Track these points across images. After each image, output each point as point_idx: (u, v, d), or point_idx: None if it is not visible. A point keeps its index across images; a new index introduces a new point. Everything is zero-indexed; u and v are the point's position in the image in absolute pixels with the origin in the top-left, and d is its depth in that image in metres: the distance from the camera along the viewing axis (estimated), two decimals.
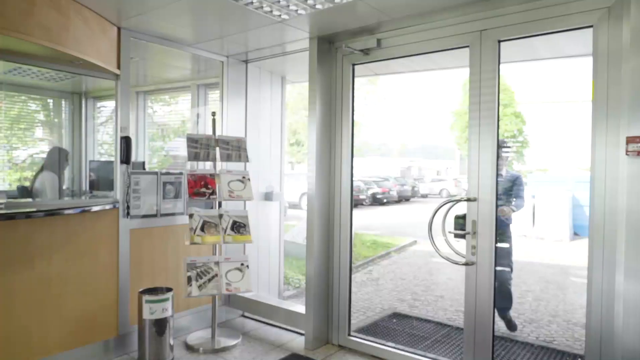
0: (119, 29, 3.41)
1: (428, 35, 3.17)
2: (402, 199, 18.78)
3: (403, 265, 7.57)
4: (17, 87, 5.06)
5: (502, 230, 3.53)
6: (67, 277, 3.12)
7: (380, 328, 4.41)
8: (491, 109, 2.87)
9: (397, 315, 4.74)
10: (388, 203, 17.16)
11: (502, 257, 3.66)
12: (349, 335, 3.61)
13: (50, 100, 5.66)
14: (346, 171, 3.57)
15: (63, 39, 2.87)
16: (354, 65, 3.58)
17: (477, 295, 2.91)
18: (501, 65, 2.88)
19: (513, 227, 3.99)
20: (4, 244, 2.80)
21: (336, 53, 3.66)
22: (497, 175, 2.86)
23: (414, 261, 7.88)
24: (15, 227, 2.85)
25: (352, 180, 3.54)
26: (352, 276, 3.67)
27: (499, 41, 2.86)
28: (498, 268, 3.02)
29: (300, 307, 3.91)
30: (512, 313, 4.07)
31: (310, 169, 3.58)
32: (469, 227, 2.90)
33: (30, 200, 4.21)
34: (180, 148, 6.06)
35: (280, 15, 3.18)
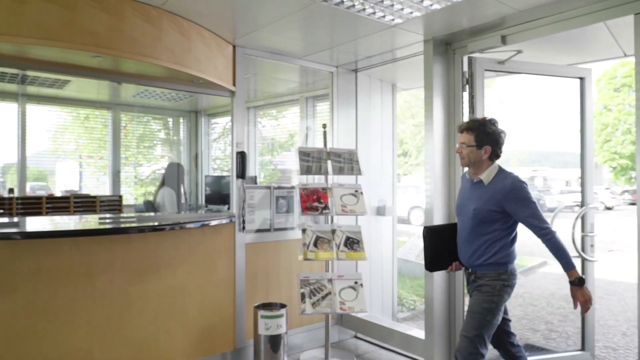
0: (233, 46, 3.68)
1: (562, 26, 2.93)
2: None
3: (532, 289, 6.99)
4: (143, 109, 5.72)
5: None
6: (190, 288, 3.39)
7: None
8: None
9: (530, 348, 4.36)
10: None
11: None
12: None
13: (169, 119, 6.31)
14: None
15: (185, 60, 3.17)
16: (483, 70, 3.43)
17: None
18: None
19: None
20: (137, 256, 3.14)
21: (454, 55, 3.55)
22: None
23: (545, 285, 7.24)
24: (145, 239, 3.19)
25: None
26: (465, 300, 3.47)
27: None
28: None
29: (417, 332, 3.79)
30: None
31: (429, 182, 3.48)
32: None
33: (154, 214, 4.67)
34: (286, 162, 6.34)
35: (393, 20, 3.18)
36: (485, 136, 2.62)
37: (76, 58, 3.05)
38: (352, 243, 3.58)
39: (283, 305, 3.49)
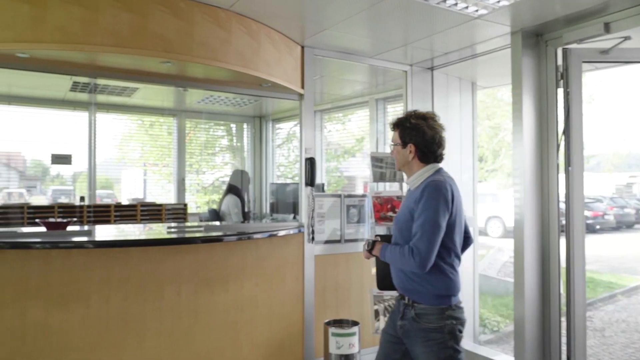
0: (302, 47, 3.70)
1: None
2: (622, 225, 16.26)
3: (637, 314, 6.46)
4: (207, 115, 5.93)
5: None
6: (257, 301, 3.43)
7: None
8: None
9: None
10: (602, 230, 15.07)
11: None
12: None
13: (233, 125, 6.50)
14: (578, 190, 3.19)
15: (254, 63, 3.22)
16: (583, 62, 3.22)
17: None
18: None
19: None
20: (204, 266, 3.21)
21: (546, 47, 3.36)
22: None
23: None
24: (213, 249, 3.25)
25: (583, 202, 3.18)
26: (561, 323, 3.27)
27: None
28: None
29: (504, 357, 3.61)
30: None
31: (518, 190, 3.31)
32: None
33: (219, 223, 4.79)
34: (350, 168, 6.31)
35: (477, 11, 3.06)
36: (407, 132, 2.26)
37: (146, 64, 3.20)
38: None
39: (355, 323, 3.43)
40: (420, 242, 2.07)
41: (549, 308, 3.32)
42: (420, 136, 2.24)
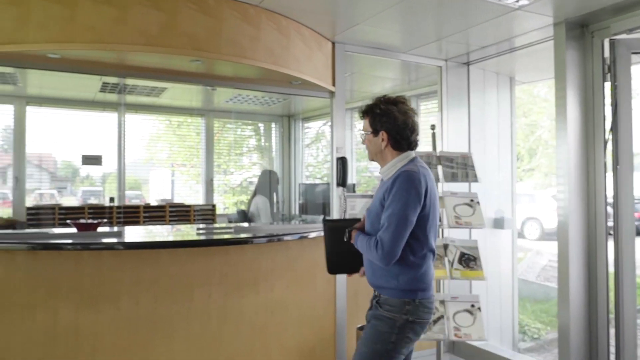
0: (333, 43, 3.67)
1: None
2: None
3: None
4: (235, 114, 5.95)
5: None
6: (288, 304, 3.40)
7: None
8: None
9: None
10: None
11: None
12: None
13: (261, 125, 6.50)
14: (627, 190, 3.08)
15: (284, 60, 3.20)
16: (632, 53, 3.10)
17: None
18: None
19: None
20: (234, 268, 3.21)
21: (592, 39, 3.24)
22: None
23: None
24: (243, 251, 3.25)
25: (633, 202, 3.07)
26: (609, 331, 3.16)
27: None
28: None
29: None
30: None
31: (562, 190, 3.20)
32: None
33: (249, 224, 4.79)
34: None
35: (517, 1, 2.97)
36: (378, 119, 2.17)
37: (175, 63, 3.22)
38: (468, 260, 3.37)
39: None
40: (385, 235, 2.01)
41: (595, 315, 3.20)
42: (391, 122, 2.15)
